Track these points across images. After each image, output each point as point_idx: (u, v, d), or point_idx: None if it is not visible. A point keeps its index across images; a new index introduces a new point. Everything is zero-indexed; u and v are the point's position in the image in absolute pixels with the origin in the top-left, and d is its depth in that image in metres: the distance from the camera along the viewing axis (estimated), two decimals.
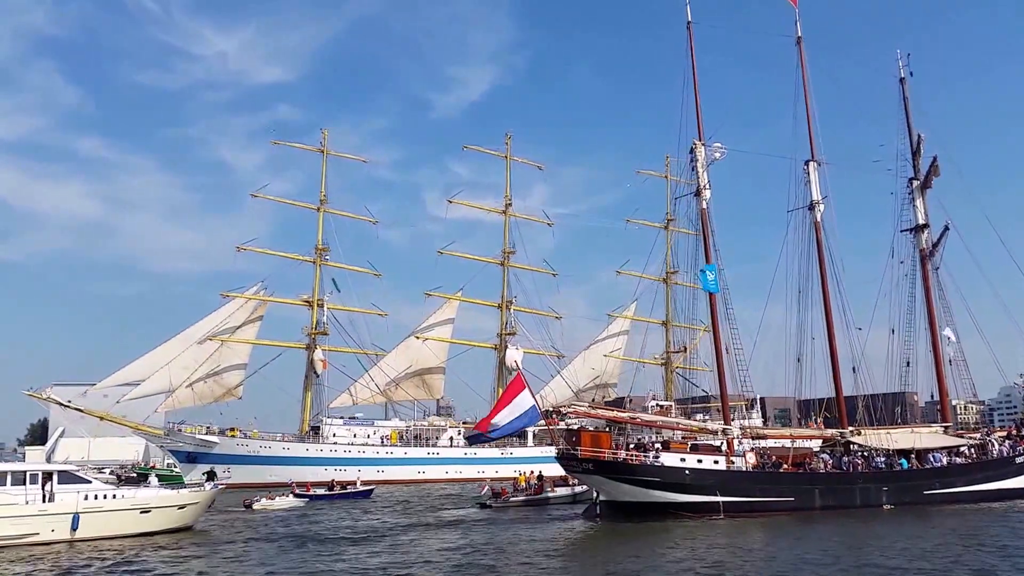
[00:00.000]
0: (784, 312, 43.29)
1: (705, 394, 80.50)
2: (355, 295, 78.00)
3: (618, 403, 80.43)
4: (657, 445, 36.68)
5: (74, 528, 28.31)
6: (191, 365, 68.75)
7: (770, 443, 40.08)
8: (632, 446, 36.93)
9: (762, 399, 70.35)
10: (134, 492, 31.32)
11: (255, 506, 42.58)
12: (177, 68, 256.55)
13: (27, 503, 27.96)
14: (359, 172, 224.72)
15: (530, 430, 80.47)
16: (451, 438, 77.93)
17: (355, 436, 73.34)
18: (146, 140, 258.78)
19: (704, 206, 40.25)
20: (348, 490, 52.13)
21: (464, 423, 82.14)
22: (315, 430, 72.98)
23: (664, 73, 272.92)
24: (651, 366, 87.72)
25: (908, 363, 45.23)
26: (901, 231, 47.67)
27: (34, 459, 35.29)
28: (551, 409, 38.16)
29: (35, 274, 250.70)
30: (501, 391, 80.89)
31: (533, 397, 36.58)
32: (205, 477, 37.14)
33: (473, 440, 34.97)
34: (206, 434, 65.78)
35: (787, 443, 40.27)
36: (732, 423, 38.80)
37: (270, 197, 77.20)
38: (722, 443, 38.17)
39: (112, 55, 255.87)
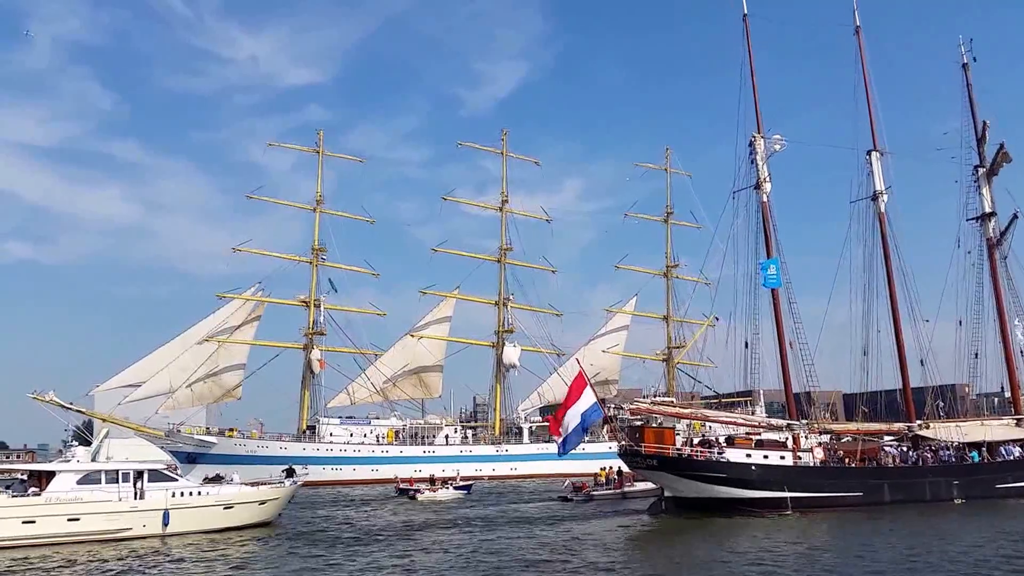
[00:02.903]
0: (847, 305, 42.83)
1: (709, 390, 79.78)
2: (350, 295, 78.37)
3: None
4: (722, 441, 36.77)
5: (165, 524, 29.63)
6: (190, 366, 69.63)
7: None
8: (697, 442, 37.08)
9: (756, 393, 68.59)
10: (218, 489, 32.64)
11: (419, 497, 47.03)
12: (209, 72, 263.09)
13: (120, 500, 29.43)
14: (389, 171, 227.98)
15: (525, 427, 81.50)
16: (447, 436, 78.13)
17: (351, 435, 73.71)
18: (180, 143, 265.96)
19: (765, 199, 40.05)
20: (448, 485, 53.88)
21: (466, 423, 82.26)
22: (312, 430, 73.73)
23: (698, 65, 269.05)
24: (652, 361, 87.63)
25: (976, 355, 44.36)
26: (967, 220, 46.72)
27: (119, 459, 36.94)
28: (612, 406, 38.45)
29: (74, 277, 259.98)
30: (500, 388, 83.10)
31: (595, 394, 36.98)
32: (284, 474, 38.49)
33: (563, 451, 35.41)
34: (205, 434, 66.98)
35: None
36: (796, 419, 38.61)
37: (265, 199, 78.25)
38: (787, 438, 38.07)
39: (145, 60, 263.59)
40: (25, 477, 30.57)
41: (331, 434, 72.95)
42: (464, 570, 21.78)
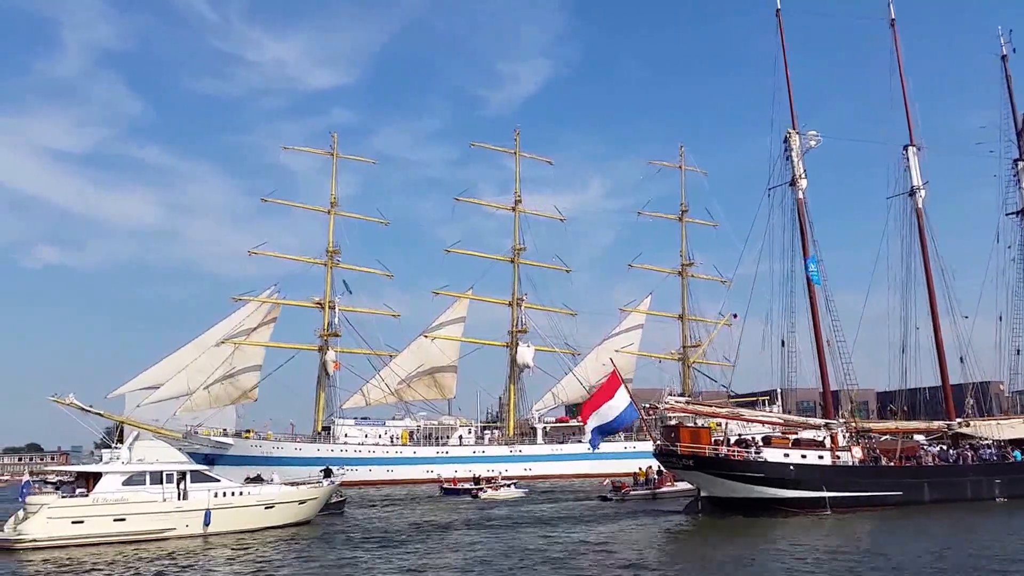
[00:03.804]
0: (883, 302, 42.30)
1: (724, 388, 78.80)
2: (369, 296, 78.89)
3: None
4: (758, 440, 36.52)
5: (207, 523, 30.10)
6: (207, 369, 70.24)
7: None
8: (733, 442, 36.87)
9: (782, 392, 67.68)
10: (259, 489, 33.10)
11: (481, 496, 48.44)
12: (235, 75, 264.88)
13: (164, 500, 29.97)
14: (412, 172, 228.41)
15: (539, 428, 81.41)
16: (460, 437, 77.98)
17: (366, 436, 74.07)
18: (207, 147, 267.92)
19: (800, 196, 39.61)
20: (511, 484, 54.88)
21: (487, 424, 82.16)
22: (327, 431, 74.12)
23: (726, 61, 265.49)
24: (667, 361, 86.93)
25: (1019, 351, 43.60)
26: (1006, 215, 45.89)
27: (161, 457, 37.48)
28: (648, 405, 38.35)
29: (103, 281, 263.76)
30: (513, 389, 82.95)
31: (629, 394, 36.97)
32: (322, 474, 38.98)
33: (594, 441, 35.63)
34: (222, 436, 67.56)
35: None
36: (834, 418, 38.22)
37: (280, 201, 78.70)
38: (825, 438, 37.72)
39: (173, 65, 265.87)
40: (73, 478, 31.24)
41: (346, 435, 73.39)
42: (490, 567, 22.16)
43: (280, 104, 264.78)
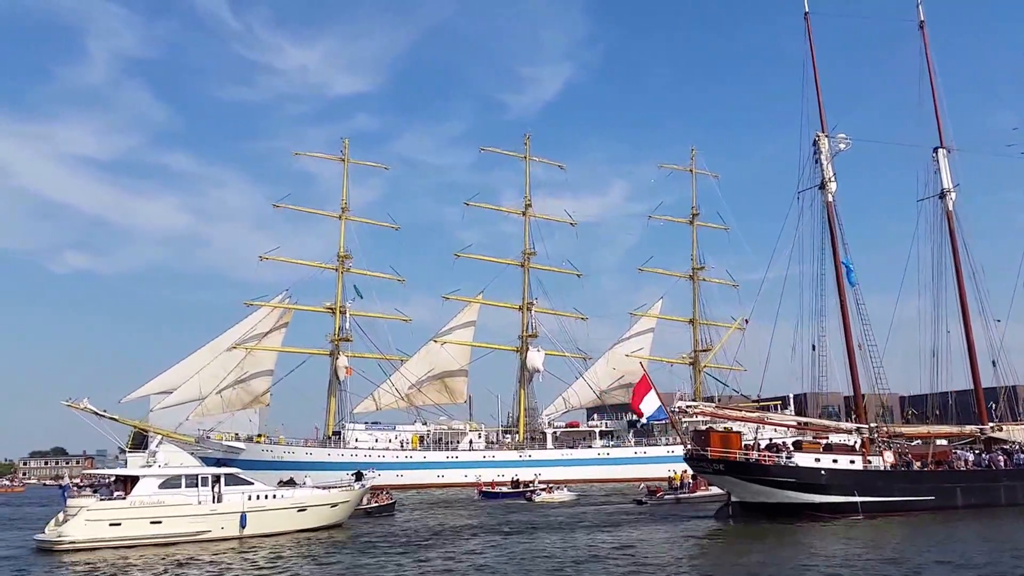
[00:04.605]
0: (913, 305, 41.99)
1: (736, 392, 78.36)
2: (378, 300, 78.57)
3: None
4: (789, 445, 36.34)
5: (242, 526, 30.42)
6: (220, 373, 70.69)
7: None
8: (764, 446, 36.71)
9: (804, 396, 67.17)
10: (292, 492, 33.41)
11: (535, 499, 49.45)
12: (260, 82, 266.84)
13: (199, 503, 30.32)
14: (436, 177, 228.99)
15: (549, 432, 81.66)
16: (471, 441, 78.11)
17: (376, 441, 74.44)
18: (232, 153, 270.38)
19: (830, 199, 39.39)
20: (527, 488, 55.63)
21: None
22: (337, 435, 74.42)
23: (748, 65, 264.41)
24: (678, 365, 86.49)
25: None
26: None
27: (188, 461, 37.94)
28: (676, 409, 38.23)
29: (130, 286, 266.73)
30: (524, 393, 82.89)
31: (659, 397, 36.98)
32: (354, 477, 39.31)
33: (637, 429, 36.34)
34: (233, 440, 67.98)
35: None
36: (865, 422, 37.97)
37: (292, 207, 78.75)
38: (856, 442, 37.47)
39: (198, 73, 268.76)
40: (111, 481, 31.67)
41: (356, 439, 73.77)
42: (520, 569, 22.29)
43: (304, 110, 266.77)
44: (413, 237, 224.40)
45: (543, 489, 51.87)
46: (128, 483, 29.83)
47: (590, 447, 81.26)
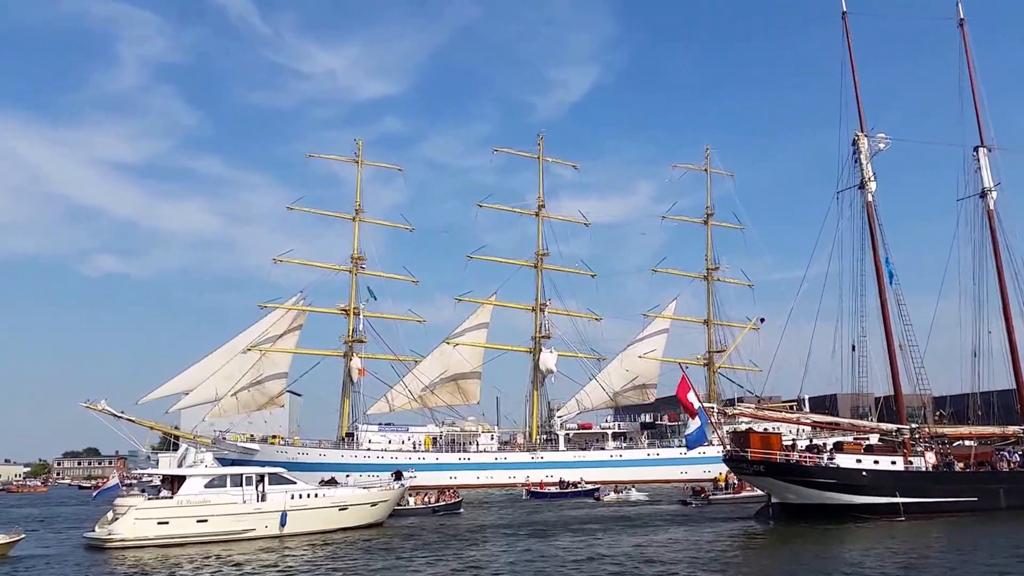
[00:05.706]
0: (954, 305, 41.54)
1: (750, 393, 77.50)
2: (391, 301, 78.45)
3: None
4: (830, 446, 36.06)
5: (283, 524, 30.63)
6: (235, 375, 71.10)
7: None
8: (804, 448, 36.46)
9: (833, 396, 66.36)
10: (333, 491, 33.66)
11: (604, 498, 50.74)
12: (288, 87, 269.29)
13: (244, 502, 30.60)
14: (463, 178, 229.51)
15: (561, 434, 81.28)
16: (482, 443, 77.81)
17: (389, 442, 74.54)
18: (260, 157, 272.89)
19: (870, 199, 39.04)
20: (574, 489, 56.85)
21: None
22: (351, 436, 74.55)
23: (777, 65, 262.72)
24: (693, 366, 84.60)
25: None
26: None
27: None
28: (718, 410, 38.06)
29: (160, 289, 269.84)
30: (536, 395, 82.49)
31: (699, 400, 36.80)
32: (393, 477, 39.56)
33: (691, 446, 36.27)
34: (248, 442, 68.33)
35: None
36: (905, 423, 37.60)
37: (305, 209, 79.01)
38: (898, 443, 37.10)
39: (227, 77, 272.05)
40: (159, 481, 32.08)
41: (369, 441, 73.92)
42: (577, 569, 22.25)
43: (332, 114, 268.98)
44: (435, 239, 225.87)
45: (612, 490, 52.84)
46: (176, 483, 30.18)
47: (603, 449, 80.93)
